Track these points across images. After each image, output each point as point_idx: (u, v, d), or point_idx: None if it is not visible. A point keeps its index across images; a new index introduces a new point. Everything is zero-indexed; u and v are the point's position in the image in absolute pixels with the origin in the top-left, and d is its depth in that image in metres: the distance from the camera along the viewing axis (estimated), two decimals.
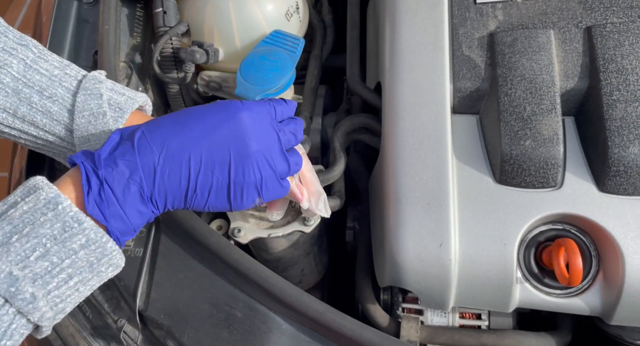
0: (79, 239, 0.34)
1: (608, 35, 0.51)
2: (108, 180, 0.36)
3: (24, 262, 0.33)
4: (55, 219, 0.34)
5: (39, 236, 0.33)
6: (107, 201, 0.36)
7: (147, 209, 0.38)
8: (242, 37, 0.65)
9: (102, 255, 0.36)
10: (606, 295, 0.48)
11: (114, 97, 0.46)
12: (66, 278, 0.34)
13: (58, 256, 0.34)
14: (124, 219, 0.37)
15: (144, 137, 0.38)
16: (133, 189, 0.37)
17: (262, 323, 0.46)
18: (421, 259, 0.49)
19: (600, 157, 0.48)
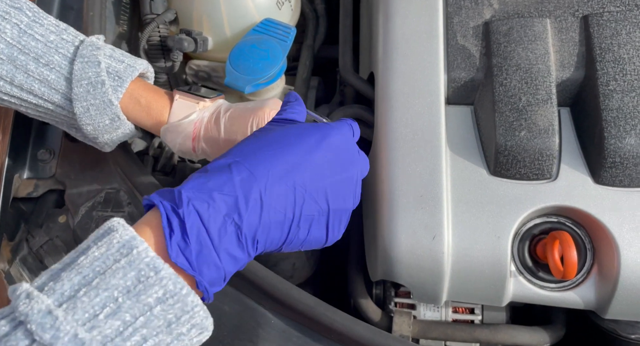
0: (155, 292, 0.29)
1: (605, 24, 0.50)
2: (203, 218, 0.30)
3: (92, 322, 0.28)
4: (129, 267, 0.29)
5: (110, 288, 0.28)
6: (196, 244, 0.30)
7: (243, 254, 0.31)
8: (232, 26, 0.63)
9: (182, 312, 0.29)
10: (601, 289, 0.47)
11: (112, 65, 0.44)
12: (140, 342, 0.28)
13: (131, 313, 0.28)
14: (217, 265, 0.30)
15: (240, 165, 0.32)
16: (230, 231, 0.30)
17: (251, 317, 0.45)
18: (414, 253, 0.48)
19: (596, 149, 0.47)
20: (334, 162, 0.35)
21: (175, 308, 0.29)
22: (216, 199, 0.30)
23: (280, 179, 0.32)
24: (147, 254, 0.29)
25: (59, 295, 0.28)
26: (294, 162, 0.33)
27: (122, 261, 0.29)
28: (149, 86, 0.49)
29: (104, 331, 0.27)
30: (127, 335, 0.28)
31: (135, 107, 0.47)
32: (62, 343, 0.26)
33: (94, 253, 0.29)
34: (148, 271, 0.29)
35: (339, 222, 0.36)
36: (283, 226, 0.32)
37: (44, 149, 0.56)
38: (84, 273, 0.29)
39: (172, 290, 0.29)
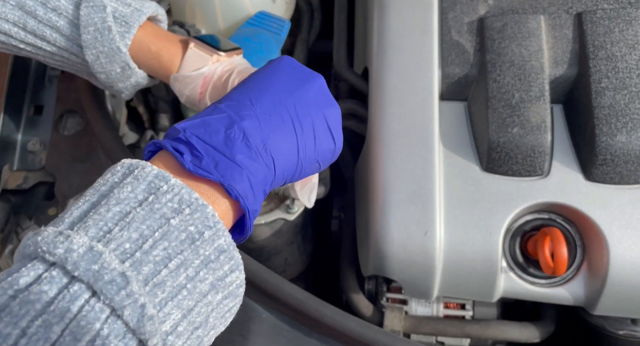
0: (170, 201, 0.26)
1: (598, 22, 0.50)
2: (205, 139, 0.29)
3: (107, 236, 0.25)
4: (137, 182, 0.27)
5: (120, 203, 0.26)
6: (208, 158, 0.28)
7: (260, 161, 0.30)
8: (226, 18, 0.63)
9: (204, 226, 0.26)
10: (590, 285, 0.47)
11: (119, 9, 0.42)
12: (164, 258, 0.25)
13: (147, 224, 0.25)
14: (238, 170, 0.28)
15: (221, 100, 0.32)
16: (236, 141, 0.29)
17: (242, 311, 0.44)
18: (406, 248, 0.48)
19: (588, 146, 0.47)
20: (301, 75, 0.36)
21: (195, 219, 0.26)
22: (209, 121, 0.30)
23: (261, 96, 0.32)
24: (154, 168, 0.27)
25: (68, 223, 0.25)
26: (265, 82, 0.34)
27: (128, 177, 0.27)
28: (161, 32, 0.47)
29: (122, 245, 0.24)
30: (148, 248, 0.25)
31: (145, 54, 0.45)
32: (77, 256, 0.23)
33: (98, 182, 0.28)
34: (158, 182, 0.27)
35: (337, 123, 0.35)
36: (286, 129, 0.32)
37: (34, 141, 0.55)
38: (91, 200, 0.26)
39: (188, 199, 0.26)
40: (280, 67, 0.35)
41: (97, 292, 0.23)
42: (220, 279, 0.27)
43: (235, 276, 0.28)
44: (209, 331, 0.28)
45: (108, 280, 0.23)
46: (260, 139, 0.30)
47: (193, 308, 0.26)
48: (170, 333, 0.25)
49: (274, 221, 0.55)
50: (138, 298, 0.23)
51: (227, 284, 0.28)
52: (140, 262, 0.24)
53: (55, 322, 0.22)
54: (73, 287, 0.23)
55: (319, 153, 0.34)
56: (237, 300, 0.29)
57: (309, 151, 0.33)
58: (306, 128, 0.33)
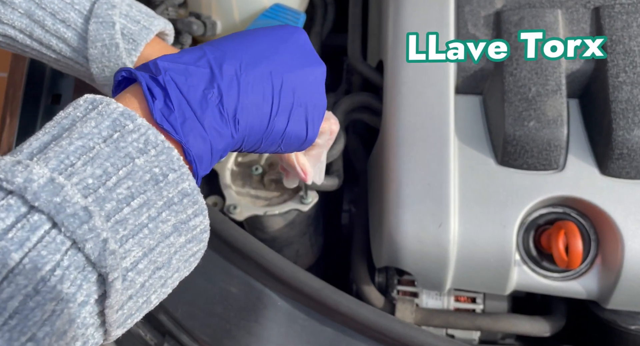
0: (135, 141, 0.25)
1: (616, 16, 0.50)
2: (182, 89, 0.28)
3: (68, 170, 0.23)
4: (101, 117, 0.25)
5: (84, 137, 0.24)
6: (179, 113, 0.27)
7: (227, 130, 0.29)
8: (241, 10, 0.63)
9: (169, 169, 0.26)
10: (604, 279, 0.47)
11: (127, 26, 0.43)
12: (127, 197, 0.24)
13: (112, 162, 0.24)
14: (203, 136, 0.28)
15: (212, 46, 0.31)
16: (212, 103, 0.28)
17: (257, 299, 0.45)
18: (420, 240, 0.48)
19: (604, 140, 0.47)
20: (304, 55, 0.34)
21: (160, 161, 0.26)
22: (192, 72, 0.28)
23: (255, 63, 0.31)
24: (119, 106, 0.26)
25: (27, 154, 0.24)
26: (265, 49, 0.32)
27: (92, 112, 0.25)
28: (166, 50, 0.47)
29: (85, 180, 0.24)
30: (111, 186, 0.24)
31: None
32: (37, 186, 0.22)
33: (59, 115, 0.26)
34: (124, 120, 0.25)
35: (317, 117, 0.34)
36: (262, 108, 0.31)
37: None
38: (51, 132, 0.25)
39: (154, 140, 0.26)
40: (290, 39, 0.34)
41: (59, 224, 0.22)
42: (183, 222, 0.27)
43: (199, 220, 0.28)
44: (172, 273, 0.28)
45: (70, 213, 0.23)
46: (234, 107, 0.29)
47: (154, 248, 0.26)
48: (130, 269, 0.25)
49: (288, 212, 0.56)
50: (100, 233, 0.23)
51: (190, 228, 0.27)
52: (103, 199, 0.24)
53: (13, 249, 0.22)
54: (33, 217, 0.22)
55: (285, 138, 0.33)
56: (202, 245, 0.29)
57: (276, 133, 0.32)
58: (282, 112, 0.32)
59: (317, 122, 0.35)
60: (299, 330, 0.44)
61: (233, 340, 0.44)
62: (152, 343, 0.45)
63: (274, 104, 0.31)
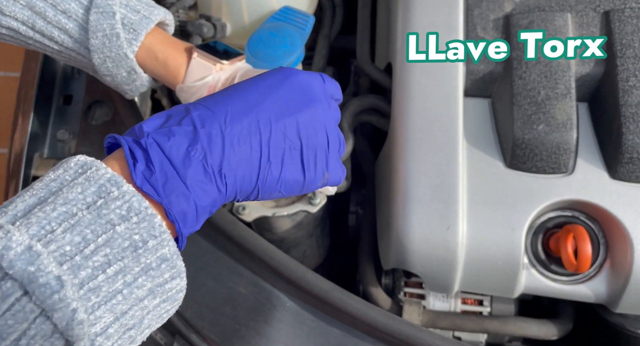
0: (118, 208, 0.26)
1: (626, 20, 0.50)
2: (164, 149, 0.28)
3: (48, 236, 0.24)
4: (88, 183, 0.26)
5: (68, 203, 0.25)
6: (161, 173, 0.28)
7: (213, 186, 0.29)
8: (251, 13, 0.64)
9: (149, 235, 0.27)
10: (613, 283, 0.47)
11: (128, 16, 0.43)
12: (103, 264, 0.25)
13: (92, 228, 0.25)
14: (185, 194, 0.28)
15: (198, 104, 0.31)
16: (195, 160, 0.28)
17: (266, 299, 0.45)
18: (428, 242, 0.48)
19: (614, 144, 0.47)
20: (298, 99, 0.34)
21: (141, 228, 0.26)
22: (175, 132, 0.29)
23: (241, 115, 0.31)
24: (107, 171, 0.27)
25: (10, 216, 0.25)
26: (254, 99, 0.32)
27: (80, 178, 0.26)
28: (167, 40, 0.47)
29: (62, 247, 0.24)
30: (88, 253, 0.25)
31: (152, 62, 0.46)
32: (14, 254, 0.23)
33: (49, 176, 0.27)
34: (109, 186, 0.26)
35: (314, 158, 0.34)
36: (251, 160, 0.31)
37: (64, 130, 0.56)
38: (38, 194, 0.26)
39: (137, 207, 0.26)
40: (284, 84, 0.34)
41: (30, 293, 0.23)
42: (159, 285, 0.27)
43: (175, 283, 0.28)
44: (142, 330, 0.28)
45: (42, 283, 0.23)
46: (219, 162, 0.30)
47: (127, 312, 0.26)
48: (99, 334, 0.25)
49: (296, 213, 0.56)
50: (70, 303, 0.24)
51: (166, 290, 0.28)
52: (78, 266, 0.24)
53: None
54: (6, 284, 0.23)
55: (282, 184, 0.33)
56: (176, 303, 0.30)
57: (270, 181, 0.32)
58: (274, 159, 0.32)
59: (317, 161, 0.34)
60: (307, 331, 0.45)
61: (242, 340, 0.44)
62: (162, 343, 0.46)
63: (263, 154, 0.31)
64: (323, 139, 0.34)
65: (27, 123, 0.56)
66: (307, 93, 0.34)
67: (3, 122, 1.33)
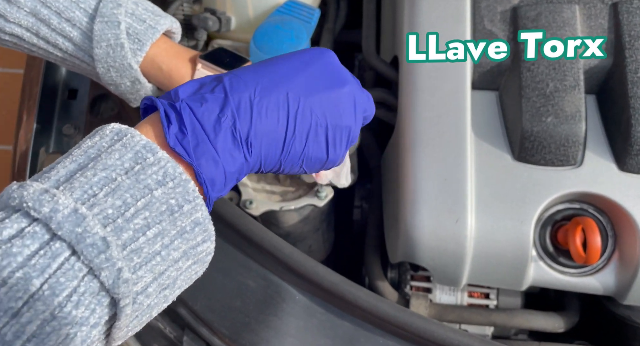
0: (155, 173, 0.27)
1: (635, 12, 0.50)
2: (197, 114, 0.29)
3: (91, 200, 0.26)
4: (125, 149, 0.27)
5: (107, 168, 0.27)
6: (192, 136, 0.29)
7: (240, 154, 0.30)
8: (256, 6, 0.63)
9: (184, 200, 0.28)
10: (621, 275, 0.47)
11: (133, 26, 0.43)
12: (143, 227, 0.26)
13: (131, 193, 0.26)
14: (215, 159, 0.29)
15: (231, 74, 0.32)
16: (225, 126, 0.30)
17: (275, 293, 0.45)
18: (436, 235, 0.48)
19: (623, 136, 0.47)
20: (330, 77, 0.34)
21: (177, 193, 0.28)
22: (208, 98, 0.30)
23: (271, 87, 0.32)
24: (142, 138, 0.28)
25: (54, 181, 0.26)
26: (286, 73, 0.33)
27: (117, 144, 0.28)
28: (172, 49, 0.47)
29: (105, 211, 0.26)
30: (129, 216, 0.26)
31: (156, 73, 0.46)
32: (62, 216, 0.24)
33: (86, 143, 0.28)
34: (145, 152, 0.27)
35: (340, 139, 0.35)
36: (277, 132, 0.32)
37: (69, 124, 0.56)
38: (78, 161, 0.27)
39: (172, 173, 0.28)
40: (316, 62, 0.35)
41: (78, 253, 0.24)
42: (192, 247, 0.29)
43: (206, 245, 0.30)
44: (175, 290, 0.30)
45: (89, 243, 0.24)
46: (246, 130, 0.31)
47: (164, 272, 0.28)
48: (140, 293, 0.27)
49: (303, 207, 0.56)
50: (116, 263, 0.25)
51: (198, 253, 0.29)
52: (120, 228, 0.26)
53: (35, 276, 0.24)
54: (55, 244, 0.24)
55: (305, 159, 0.34)
56: (205, 265, 0.31)
57: (293, 155, 0.33)
58: (298, 134, 0.33)
59: (340, 142, 0.35)
60: (317, 324, 0.45)
61: (252, 333, 0.44)
62: (171, 336, 0.46)
63: (289, 127, 0.32)
64: (350, 120, 0.35)
65: (32, 120, 0.56)
66: (339, 74, 0.35)
67: (5, 118, 1.33)
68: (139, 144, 0.28)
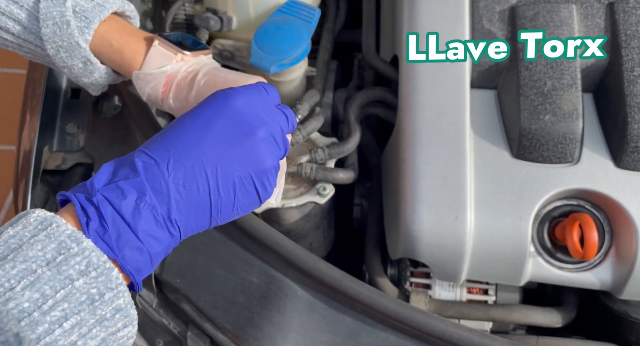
0: (77, 263, 0.27)
1: (631, 11, 0.51)
2: (115, 205, 0.30)
3: (7, 294, 0.25)
4: (49, 240, 0.27)
5: (28, 260, 0.27)
6: (113, 229, 0.29)
7: (165, 233, 0.31)
8: (257, 6, 0.64)
9: (106, 288, 0.28)
10: (618, 270, 0.48)
11: (80, 3, 0.42)
12: (60, 318, 0.26)
13: (51, 285, 0.26)
14: (139, 247, 0.30)
15: (142, 153, 0.32)
16: (145, 212, 0.30)
17: (278, 289, 0.46)
18: (436, 232, 0.49)
19: (619, 133, 0.48)
20: (239, 128, 0.34)
21: (99, 282, 0.28)
22: (123, 187, 0.30)
23: (183, 158, 0.32)
24: (68, 228, 0.28)
25: None
26: (194, 137, 0.33)
27: (40, 234, 0.28)
28: (125, 28, 0.45)
29: (21, 304, 0.26)
30: (47, 309, 0.26)
31: (107, 50, 0.44)
32: None
33: (8, 233, 0.28)
34: (69, 242, 0.28)
35: (268, 180, 0.35)
36: (200, 200, 0.32)
37: (72, 123, 0.57)
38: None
39: (96, 262, 0.28)
40: (221, 112, 0.34)
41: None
42: (112, 334, 0.29)
43: (127, 331, 0.30)
44: None
45: (1, 341, 0.24)
46: (167, 209, 0.31)
47: None
48: None
49: (304, 205, 0.57)
50: None
51: (118, 338, 0.30)
52: (36, 322, 0.26)
53: None
54: None
55: (238, 208, 0.34)
56: None
57: (225, 211, 0.33)
58: (224, 192, 0.33)
59: (269, 183, 0.35)
60: (319, 319, 0.45)
61: (255, 329, 0.45)
62: (175, 331, 0.46)
63: (212, 190, 0.32)
64: (272, 160, 0.35)
65: (36, 120, 0.56)
66: (249, 121, 0.35)
67: (5, 118, 1.33)
68: (63, 234, 0.28)
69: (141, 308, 0.47)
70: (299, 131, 0.58)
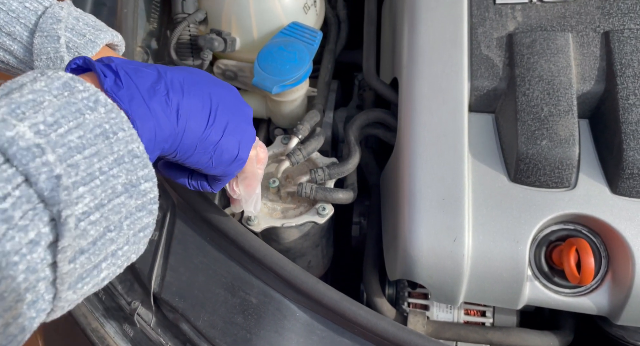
0: (85, 99, 0.25)
1: (625, 41, 0.52)
2: (132, 77, 0.29)
3: (19, 115, 0.23)
4: (51, 80, 0.26)
5: (35, 92, 0.24)
6: (127, 90, 0.28)
7: (171, 118, 0.31)
8: (260, 28, 0.65)
9: (119, 128, 0.26)
10: (614, 295, 0.49)
11: (73, 40, 0.44)
12: (78, 145, 0.24)
13: (62, 113, 0.24)
14: (148, 115, 0.29)
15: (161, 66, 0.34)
16: (159, 93, 0.30)
17: (277, 309, 0.46)
18: (434, 254, 0.49)
19: (615, 160, 0.49)
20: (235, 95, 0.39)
21: (110, 119, 0.26)
22: (142, 70, 0.30)
23: (196, 84, 0.34)
24: (68, 74, 0.26)
25: None
26: (208, 80, 0.36)
27: (42, 77, 0.26)
28: None
29: (36, 125, 0.23)
30: (63, 133, 0.24)
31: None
32: None
33: (6, 83, 0.26)
34: (73, 83, 0.26)
35: (246, 144, 0.38)
36: (201, 113, 0.33)
37: None
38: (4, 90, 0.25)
39: (103, 101, 0.26)
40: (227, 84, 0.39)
41: (11, 158, 0.21)
42: (133, 185, 0.27)
43: (148, 186, 0.28)
44: (123, 241, 0.27)
45: (23, 146, 0.22)
46: (176, 102, 0.31)
47: (106, 204, 0.25)
48: (82, 219, 0.24)
49: (304, 224, 0.57)
50: (54, 168, 0.22)
51: (141, 193, 0.27)
52: (55, 143, 0.23)
53: None
54: None
55: (217, 149, 0.35)
56: (151, 218, 0.29)
57: (209, 142, 0.35)
58: (217, 124, 0.35)
59: (246, 148, 0.38)
60: (317, 341, 0.45)
61: None
62: None
63: (211, 115, 0.35)
64: (253, 132, 0.40)
65: None
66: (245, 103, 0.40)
67: None
68: (65, 76, 0.26)
69: (139, 327, 0.47)
70: (300, 151, 0.59)
